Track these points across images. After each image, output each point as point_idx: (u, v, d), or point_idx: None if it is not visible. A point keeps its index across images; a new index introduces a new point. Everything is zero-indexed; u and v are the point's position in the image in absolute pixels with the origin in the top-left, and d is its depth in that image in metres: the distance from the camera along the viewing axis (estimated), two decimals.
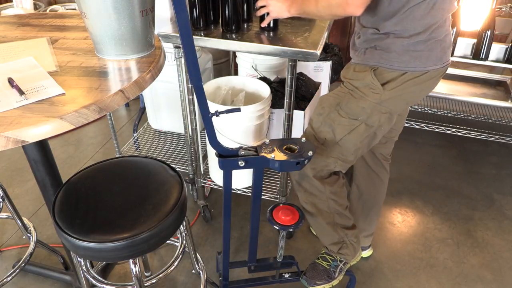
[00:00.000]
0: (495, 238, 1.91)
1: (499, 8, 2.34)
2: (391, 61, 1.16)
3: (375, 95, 1.19)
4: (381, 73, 1.18)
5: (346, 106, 1.24)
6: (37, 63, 1.01)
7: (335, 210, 1.42)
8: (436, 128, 2.48)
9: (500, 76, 2.49)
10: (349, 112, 1.24)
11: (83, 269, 1.15)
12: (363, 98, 1.21)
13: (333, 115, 1.26)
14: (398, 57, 1.14)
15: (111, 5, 0.96)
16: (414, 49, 1.14)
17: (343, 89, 1.27)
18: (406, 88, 1.19)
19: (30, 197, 2.12)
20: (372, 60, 1.18)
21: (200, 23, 1.46)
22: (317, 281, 1.51)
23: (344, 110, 1.24)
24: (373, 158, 1.53)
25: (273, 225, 1.26)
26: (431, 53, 1.16)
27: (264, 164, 1.10)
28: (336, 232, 1.46)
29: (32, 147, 1.16)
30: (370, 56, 1.19)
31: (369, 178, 1.57)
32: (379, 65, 1.17)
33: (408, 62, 1.15)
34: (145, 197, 1.06)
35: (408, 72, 1.16)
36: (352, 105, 1.23)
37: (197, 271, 1.45)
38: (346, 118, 1.24)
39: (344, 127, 1.25)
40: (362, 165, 1.55)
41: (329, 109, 1.27)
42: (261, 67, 2.06)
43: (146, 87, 0.99)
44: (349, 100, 1.23)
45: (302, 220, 1.26)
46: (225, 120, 1.63)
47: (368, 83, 1.19)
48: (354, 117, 1.24)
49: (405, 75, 1.16)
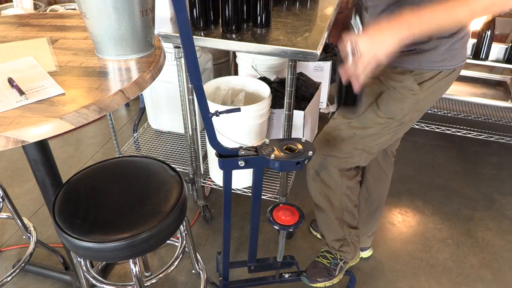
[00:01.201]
0: (495, 238, 1.91)
1: None
2: (431, 63, 1.15)
3: (413, 97, 1.19)
4: (419, 74, 1.17)
5: (386, 107, 1.22)
6: (37, 63, 1.01)
7: (346, 207, 1.44)
8: (436, 128, 2.48)
9: (500, 76, 2.49)
10: (387, 112, 1.23)
11: (83, 269, 1.15)
12: (402, 100, 1.20)
13: (370, 115, 1.24)
14: (439, 58, 1.14)
15: (111, 5, 0.96)
16: (452, 48, 1.14)
17: (377, 87, 1.22)
18: (439, 86, 1.20)
19: (30, 197, 2.12)
20: (412, 64, 1.16)
21: (200, 23, 1.46)
22: (318, 278, 1.51)
23: (382, 111, 1.23)
24: (384, 155, 1.54)
25: (273, 225, 1.26)
26: (463, 50, 1.17)
27: (264, 164, 1.10)
28: (341, 229, 1.48)
29: (32, 147, 1.16)
30: (409, 60, 1.16)
31: (378, 178, 1.58)
32: (419, 68, 1.16)
33: (446, 61, 1.15)
34: (145, 197, 1.06)
35: (443, 70, 1.16)
36: (392, 107, 1.22)
37: (197, 271, 1.45)
38: (383, 118, 1.24)
39: (380, 125, 1.25)
40: (374, 166, 1.55)
41: (363, 107, 1.24)
42: (261, 67, 2.06)
43: (146, 87, 0.99)
44: (388, 101, 1.21)
45: (302, 220, 1.26)
46: (225, 120, 1.63)
47: (407, 85, 1.18)
48: (391, 117, 1.23)
49: (440, 74, 1.17)
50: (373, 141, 1.28)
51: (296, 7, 1.73)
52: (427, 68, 1.16)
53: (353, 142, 1.29)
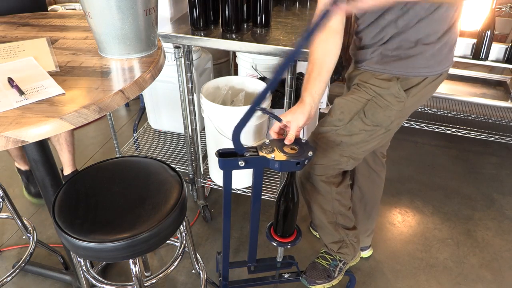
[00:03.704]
0: (495, 238, 1.91)
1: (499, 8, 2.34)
2: (417, 69, 1.14)
3: (399, 104, 1.19)
4: (405, 80, 1.17)
5: (373, 116, 1.21)
6: (37, 63, 1.01)
7: (339, 211, 1.43)
8: (436, 128, 2.48)
9: (500, 76, 2.49)
10: (374, 120, 1.22)
11: (83, 269, 1.15)
12: (389, 108, 1.19)
13: (357, 123, 1.23)
14: (425, 64, 1.14)
15: (115, 5, 0.96)
16: (439, 53, 1.13)
17: (364, 94, 1.22)
18: (426, 91, 1.19)
19: None
20: (398, 70, 1.16)
21: (200, 23, 1.46)
22: (317, 280, 1.51)
23: (369, 119, 1.22)
24: (374, 157, 1.54)
25: (271, 242, 1.29)
26: (450, 54, 1.17)
27: (264, 164, 1.10)
28: (337, 231, 1.47)
29: (32, 147, 1.16)
30: (395, 66, 1.16)
31: (370, 179, 1.58)
32: (406, 74, 1.15)
33: (433, 67, 1.14)
34: (145, 197, 1.06)
35: (429, 76, 1.16)
36: (378, 115, 1.21)
37: (197, 271, 1.45)
38: (369, 126, 1.23)
39: (366, 132, 1.24)
40: (364, 167, 1.55)
41: (350, 115, 1.24)
42: (261, 67, 2.06)
43: (146, 87, 0.99)
44: (375, 109, 1.20)
45: (299, 237, 1.29)
46: (225, 120, 1.63)
47: (393, 92, 1.17)
48: (377, 124, 1.23)
49: (426, 80, 1.16)
50: (359, 148, 1.28)
51: (296, 7, 1.73)
52: (413, 74, 1.15)
53: (340, 150, 1.28)
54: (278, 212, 1.23)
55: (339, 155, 1.29)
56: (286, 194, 1.19)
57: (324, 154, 1.29)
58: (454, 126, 2.50)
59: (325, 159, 1.30)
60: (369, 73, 1.22)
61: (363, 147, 1.28)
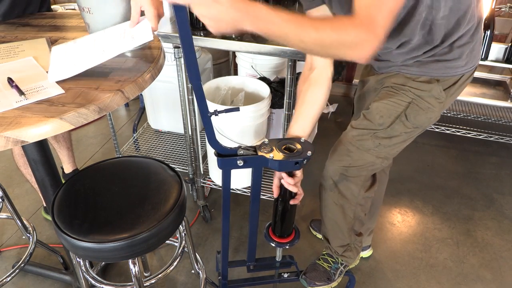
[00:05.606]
0: (495, 238, 1.91)
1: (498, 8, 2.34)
2: (455, 69, 1.14)
3: (440, 105, 1.18)
4: (443, 81, 1.16)
5: (415, 118, 1.20)
6: (37, 63, 1.01)
7: (358, 217, 1.42)
8: (436, 128, 2.48)
9: (499, 76, 2.49)
10: (416, 123, 1.21)
11: (82, 269, 1.15)
12: (430, 109, 1.18)
13: (398, 127, 1.22)
14: (462, 63, 1.13)
15: None
16: (473, 49, 1.13)
17: (403, 97, 1.18)
18: (461, 89, 1.20)
19: (30, 197, 2.12)
20: (436, 71, 1.14)
21: (200, 23, 1.46)
22: (317, 281, 1.51)
23: (411, 122, 1.20)
24: None
25: (270, 242, 1.29)
26: (480, 46, 1.17)
27: (263, 164, 1.10)
28: (349, 237, 1.47)
29: (31, 147, 1.16)
30: (434, 67, 1.14)
31: (380, 179, 1.57)
32: (445, 75, 1.14)
33: (468, 64, 1.14)
34: (144, 197, 1.06)
35: (465, 73, 1.16)
36: (420, 117, 1.19)
37: (196, 271, 1.45)
38: (410, 128, 1.22)
39: (406, 134, 1.24)
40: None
41: (391, 119, 1.21)
42: (261, 67, 2.06)
43: (146, 87, 0.98)
44: (417, 112, 1.19)
45: (297, 237, 1.28)
46: (225, 120, 1.64)
47: (435, 94, 1.16)
48: (417, 126, 1.22)
49: (463, 77, 1.16)
50: (395, 148, 1.27)
51: (296, 7, 1.73)
52: (451, 74, 1.14)
53: (377, 152, 1.27)
54: (276, 212, 1.23)
55: (375, 157, 1.28)
56: (284, 194, 1.19)
57: (359, 156, 1.27)
58: (454, 126, 2.50)
59: (360, 161, 1.28)
60: (403, 76, 1.19)
61: (399, 147, 1.28)
